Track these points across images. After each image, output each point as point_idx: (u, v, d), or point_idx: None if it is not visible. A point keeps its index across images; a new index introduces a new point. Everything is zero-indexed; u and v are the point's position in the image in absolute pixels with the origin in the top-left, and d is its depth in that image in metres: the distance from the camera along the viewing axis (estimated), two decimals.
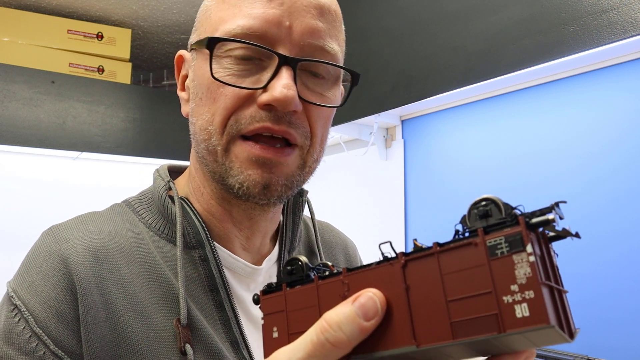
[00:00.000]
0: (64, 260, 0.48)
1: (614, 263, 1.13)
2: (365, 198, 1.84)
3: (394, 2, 1.32)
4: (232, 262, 0.57)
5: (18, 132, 1.69)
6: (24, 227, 1.96)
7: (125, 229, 0.54)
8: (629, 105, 1.13)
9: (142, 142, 1.95)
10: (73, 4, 1.78)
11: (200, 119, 0.51)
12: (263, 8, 0.49)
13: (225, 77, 0.49)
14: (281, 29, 0.49)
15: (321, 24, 0.51)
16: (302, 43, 0.50)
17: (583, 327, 1.18)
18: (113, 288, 0.48)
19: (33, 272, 0.48)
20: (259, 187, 0.49)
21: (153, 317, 0.49)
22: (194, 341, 0.49)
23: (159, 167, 0.61)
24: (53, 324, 0.45)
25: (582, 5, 0.91)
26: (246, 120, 0.49)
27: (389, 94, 1.31)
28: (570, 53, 0.93)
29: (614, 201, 1.15)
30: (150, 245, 0.53)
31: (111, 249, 0.51)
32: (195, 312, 0.50)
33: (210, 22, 0.52)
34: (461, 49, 1.13)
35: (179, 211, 0.54)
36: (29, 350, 0.44)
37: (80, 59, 1.84)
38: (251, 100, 0.49)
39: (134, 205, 0.57)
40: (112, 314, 0.47)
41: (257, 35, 0.48)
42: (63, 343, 0.45)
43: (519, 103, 1.36)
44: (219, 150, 0.50)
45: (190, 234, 0.54)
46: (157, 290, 0.50)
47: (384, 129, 1.79)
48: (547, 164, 1.29)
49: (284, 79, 0.47)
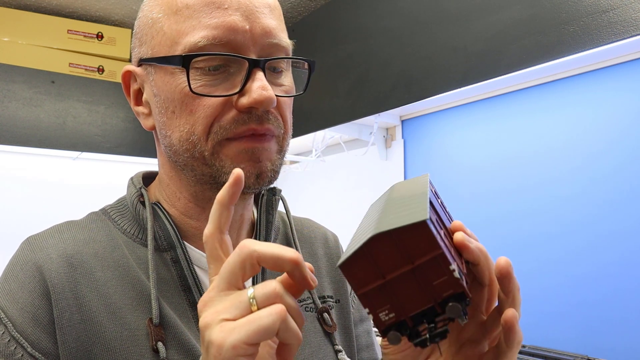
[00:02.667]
0: (38, 268, 0.51)
1: (614, 263, 1.13)
2: (365, 198, 1.84)
3: (394, 2, 1.32)
4: (204, 262, 0.58)
5: (18, 132, 1.69)
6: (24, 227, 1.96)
7: (100, 236, 0.56)
8: (629, 105, 1.13)
9: (142, 142, 1.95)
10: (73, 4, 1.77)
11: (178, 131, 0.53)
12: (222, 16, 0.50)
13: (198, 88, 0.51)
14: (243, 34, 0.51)
15: (273, 22, 0.54)
16: (263, 43, 0.52)
17: (583, 327, 1.18)
18: (87, 291, 0.51)
19: (11, 280, 0.52)
20: (252, 177, 0.52)
21: (126, 318, 0.51)
22: (168, 339, 0.51)
23: (133, 175, 0.63)
24: (30, 328, 0.48)
25: (582, 5, 0.91)
26: (230, 125, 0.51)
27: (389, 94, 1.31)
28: (570, 53, 0.93)
29: (614, 201, 1.15)
30: (124, 249, 0.56)
31: (85, 255, 0.53)
32: (168, 312, 0.53)
33: (164, 36, 0.53)
34: (461, 49, 1.13)
35: (149, 216, 0.56)
36: (7, 353, 0.48)
37: (80, 59, 1.83)
38: (229, 106, 0.52)
39: (109, 213, 0.60)
40: (87, 315, 0.50)
41: (222, 44, 0.50)
42: (40, 345, 0.48)
43: (519, 103, 1.36)
44: (206, 154, 0.52)
45: (161, 237, 0.56)
46: (131, 292, 0.53)
47: (384, 129, 1.79)
48: (547, 164, 1.29)
49: (260, 80, 0.50)
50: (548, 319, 1.25)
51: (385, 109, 1.33)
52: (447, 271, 0.31)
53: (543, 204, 1.29)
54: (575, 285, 1.21)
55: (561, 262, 1.23)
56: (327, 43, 1.52)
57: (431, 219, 0.31)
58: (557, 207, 1.25)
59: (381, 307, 0.33)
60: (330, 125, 1.49)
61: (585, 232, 1.19)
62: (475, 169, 1.47)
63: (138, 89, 0.58)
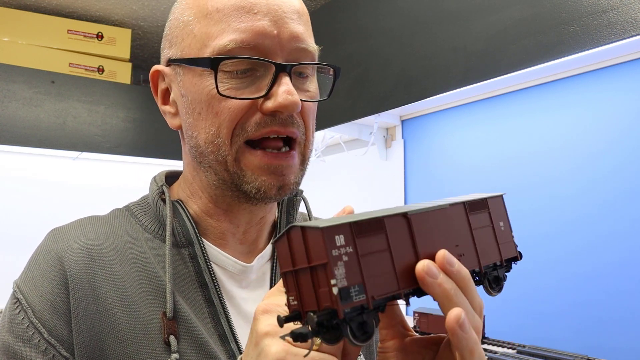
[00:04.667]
0: (59, 258, 0.53)
1: (614, 263, 1.13)
2: (365, 198, 1.84)
3: (394, 2, 1.32)
4: (222, 260, 0.59)
5: (18, 132, 1.69)
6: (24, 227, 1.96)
7: (121, 231, 0.58)
8: (629, 105, 1.13)
9: (142, 142, 1.95)
10: (73, 4, 1.78)
11: (204, 132, 0.54)
12: (251, 21, 0.52)
13: (225, 91, 0.52)
14: (271, 39, 0.52)
15: (301, 27, 0.55)
16: (290, 48, 0.53)
17: (583, 327, 1.18)
18: (104, 283, 0.53)
19: (34, 268, 0.54)
20: (274, 189, 0.54)
21: (141, 311, 0.52)
22: (181, 333, 0.52)
23: (156, 174, 0.65)
24: (48, 315, 0.50)
25: (582, 5, 0.91)
26: (252, 127, 0.52)
27: (389, 94, 1.31)
28: (570, 53, 0.93)
29: (613, 201, 1.15)
30: (144, 245, 0.57)
31: (105, 248, 0.55)
32: (183, 306, 0.54)
33: (194, 38, 0.54)
34: (461, 49, 1.13)
35: (169, 212, 0.58)
36: (25, 338, 0.50)
37: (80, 59, 1.84)
38: (253, 109, 0.53)
39: (132, 209, 0.62)
40: (102, 307, 0.51)
41: (250, 48, 0.51)
42: (56, 332, 0.50)
43: (519, 103, 1.36)
44: (229, 160, 0.53)
45: (180, 234, 0.58)
46: (147, 286, 0.54)
47: (384, 129, 1.79)
48: (547, 164, 1.29)
49: (286, 85, 0.51)
50: (548, 319, 1.25)
51: (385, 109, 1.33)
52: (328, 284, 0.31)
53: (543, 204, 1.28)
54: (575, 285, 1.21)
55: (561, 262, 1.23)
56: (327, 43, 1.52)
57: (335, 231, 0.32)
58: (557, 207, 1.25)
59: (290, 292, 0.35)
60: (330, 125, 1.49)
61: (585, 232, 1.19)
62: (475, 169, 1.47)
63: (165, 88, 0.60)
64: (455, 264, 0.38)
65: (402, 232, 0.36)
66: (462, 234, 0.41)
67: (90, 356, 0.50)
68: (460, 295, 0.37)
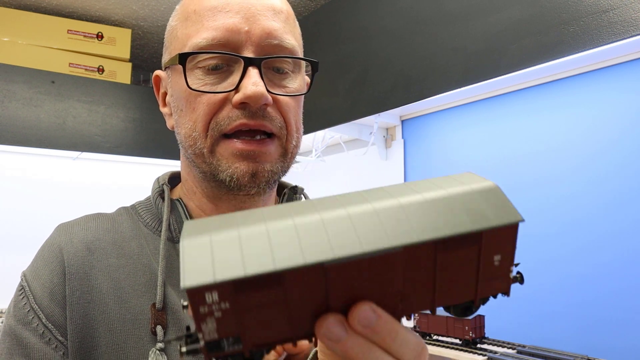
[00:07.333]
0: (60, 250, 0.57)
1: (614, 263, 1.14)
2: None
3: (394, 2, 1.32)
4: None
5: (18, 132, 1.69)
6: (23, 227, 1.96)
7: (123, 227, 0.61)
8: (629, 105, 1.13)
9: (142, 142, 1.95)
10: (73, 4, 1.78)
11: (184, 127, 0.57)
12: (223, 19, 0.54)
13: (200, 87, 0.55)
14: (241, 35, 0.54)
15: (276, 24, 0.56)
16: (262, 44, 0.55)
17: (583, 327, 1.18)
18: (100, 275, 0.56)
19: (39, 259, 0.58)
20: (247, 176, 0.55)
21: (132, 302, 0.55)
22: (171, 324, 0.55)
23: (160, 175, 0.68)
24: (46, 302, 0.55)
25: (582, 5, 0.91)
26: (225, 121, 0.54)
27: (389, 94, 1.31)
28: (570, 53, 0.93)
29: (614, 201, 1.15)
30: (143, 240, 0.60)
31: (104, 242, 0.59)
32: (174, 299, 0.56)
33: (178, 40, 0.58)
34: (461, 49, 1.13)
35: (166, 209, 0.61)
36: (26, 321, 0.55)
37: (80, 59, 1.84)
38: (227, 103, 0.55)
39: (137, 207, 0.65)
40: (96, 297, 0.55)
41: (221, 44, 0.54)
42: (53, 318, 0.54)
43: (519, 103, 1.37)
44: (205, 152, 0.56)
45: (176, 229, 0.60)
46: (141, 279, 0.57)
47: (384, 129, 1.79)
48: (547, 164, 1.29)
49: (252, 77, 0.53)
50: (548, 319, 1.26)
51: (385, 109, 1.33)
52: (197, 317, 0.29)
53: (543, 204, 1.29)
54: (575, 285, 1.21)
55: (561, 262, 1.24)
56: (327, 43, 1.52)
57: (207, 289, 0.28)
58: (557, 207, 1.26)
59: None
60: (330, 125, 1.49)
61: (585, 232, 1.20)
62: (475, 169, 1.47)
63: (164, 92, 0.63)
64: (371, 323, 0.30)
65: (311, 284, 0.29)
66: (413, 275, 0.31)
67: (81, 342, 0.53)
68: (376, 354, 0.30)
